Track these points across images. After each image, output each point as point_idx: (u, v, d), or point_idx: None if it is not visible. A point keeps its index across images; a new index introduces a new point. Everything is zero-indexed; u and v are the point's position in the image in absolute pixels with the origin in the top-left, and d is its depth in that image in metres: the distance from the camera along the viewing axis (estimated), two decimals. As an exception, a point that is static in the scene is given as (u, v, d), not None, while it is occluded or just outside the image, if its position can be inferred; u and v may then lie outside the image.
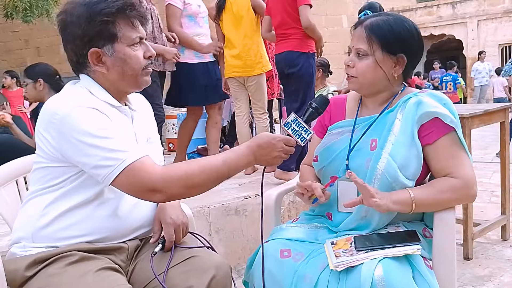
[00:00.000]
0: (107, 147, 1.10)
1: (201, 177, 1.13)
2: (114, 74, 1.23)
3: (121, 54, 1.21)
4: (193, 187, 1.13)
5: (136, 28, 1.23)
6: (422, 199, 1.29)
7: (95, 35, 1.19)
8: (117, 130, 1.15)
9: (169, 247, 1.28)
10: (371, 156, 1.34)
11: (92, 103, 1.17)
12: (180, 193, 1.14)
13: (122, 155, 1.10)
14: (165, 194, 1.11)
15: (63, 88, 1.25)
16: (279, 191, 1.70)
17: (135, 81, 1.26)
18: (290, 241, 1.37)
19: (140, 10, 1.25)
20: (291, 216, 2.67)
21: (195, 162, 1.16)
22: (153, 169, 1.11)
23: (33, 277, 1.14)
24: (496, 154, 5.17)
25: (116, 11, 1.19)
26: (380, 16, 1.40)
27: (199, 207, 2.39)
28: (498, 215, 2.85)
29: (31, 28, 9.62)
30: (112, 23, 1.19)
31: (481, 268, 2.42)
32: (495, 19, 14.60)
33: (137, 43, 1.24)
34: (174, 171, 1.12)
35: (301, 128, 1.23)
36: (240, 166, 1.18)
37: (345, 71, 1.43)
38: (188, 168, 1.13)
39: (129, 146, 1.13)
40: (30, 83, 2.86)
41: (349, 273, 1.18)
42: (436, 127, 1.32)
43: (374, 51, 1.35)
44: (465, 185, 1.30)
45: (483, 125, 2.60)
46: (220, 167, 1.15)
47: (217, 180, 1.16)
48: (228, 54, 3.38)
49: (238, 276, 2.31)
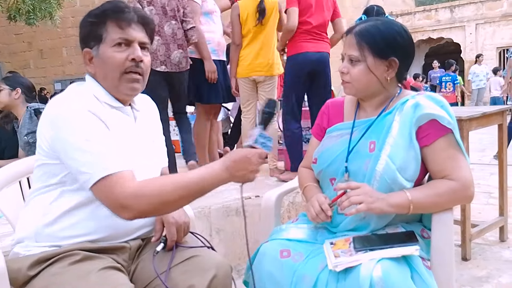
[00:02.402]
0: (91, 154, 1.10)
1: (174, 195, 1.11)
2: (100, 75, 1.26)
3: (103, 55, 1.23)
4: (166, 204, 1.12)
5: (122, 30, 1.23)
6: (419, 201, 1.30)
7: (85, 36, 1.25)
8: (108, 139, 1.15)
9: (171, 246, 1.29)
10: (370, 158, 1.36)
11: (91, 105, 1.18)
12: (152, 210, 1.13)
13: (102, 165, 1.10)
14: (134, 211, 1.09)
15: (68, 88, 1.27)
16: (279, 192, 1.71)
17: (115, 84, 1.25)
18: (289, 242, 1.38)
19: (130, 14, 1.24)
20: (291, 216, 2.68)
21: (170, 179, 1.14)
22: (127, 184, 1.09)
23: (36, 276, 1.15)
24: (494, 156, 5.18)
25: (101, 13, 1.23)
26: (369, 21, 1.42)
27: (200, 208, 2.40)
28: (496, 216, 2.86)
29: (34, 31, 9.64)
30: (99, 24, 1.23)
31: (479, 269, 2.43)
32: (493, 22, 14.64)
33: (119, 44, 1.22)
34: (148, 188, 1.10)
35: (265, 139, 1.21)
36: (215, 183, 1.14)
37: (340, 77, 1.45)
38: (161, 186, 1.11)
39: (113, 157, 1.12)
40: (7, 89, 2.88)
41: (348, 273, 1.19)
42: (433, 129, 1.34)
43: (365, 57, 1.37)
44: (462, 187, 1.31)
45: (481, 127, 2.61)
46: (194, 185, 1.12)
47: (191, 197, 1.14)
48: (250, 53, 3.35)
49: (238, 276, 2.31)
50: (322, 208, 1.37)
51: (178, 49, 3.05)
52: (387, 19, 1.46)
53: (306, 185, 1.56)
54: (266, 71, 3.35)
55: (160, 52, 2.98)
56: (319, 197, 1.41)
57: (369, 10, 3.66)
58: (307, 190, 1.54)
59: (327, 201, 1.39)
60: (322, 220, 1.38)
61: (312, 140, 1.63)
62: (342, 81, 1.44)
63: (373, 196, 1.29)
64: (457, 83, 11.08)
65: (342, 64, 1.43)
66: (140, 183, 1.11)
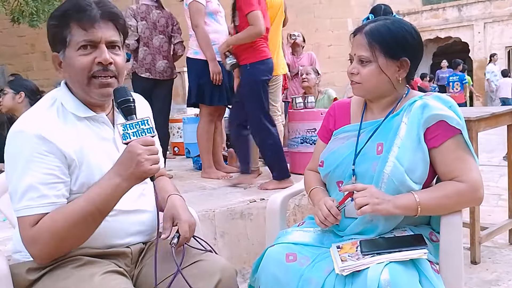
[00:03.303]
0: (18, 186, 1.09)
1: (70, 228, 1.07)
2: (70, 80, 1.21)
3: (69, 59, 1.17)
4: (65, 240, 1.09)
5: (85, 32, 1.14)
6: (427, 203, 1.28)
7: (51, 40, 1.19)
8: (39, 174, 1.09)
9: (182, 243, 1.26)
10: (378, 160, 1.34)
11: (50, 124, 1.14)
12: (55, 251, 1.10)
13: (16, 204, 1.09)
14: (39, 258, 1.10)
15: (43, 97, 1.25)
16: (285, 195, 1.70)
17: (84, 89, 1.18)
18: (295, 245, 1.37)
19: (92, 12, 1.14)
20: (296, 220, 2.67)
21: (60, 213, 1.08)
22: (25, 233, 1.08)
23: (38, 280, 1.14)
24: (503, 157, 5.13)
25: (62, 14, 1.16)
26: (378, 21, 1.40)
27: (205, 211, 2.39)
28: (506, 218, 2.82)
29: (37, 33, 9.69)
30: (62, 27, 1.16)
31: (488, 273, 2.40)
32: (502, 21, 14.52)
33: (84, 46, 1.15)
34: (40, 232, 1.07)
35: (134, 126, 1.10)
36: (108, 195, 1.08)
37: (349, 78, 1.42)
38: (52, 225, 1.06)
39: (30, 197, 1.08)
40: (11, 93, 2.94)
41: (355, 277, 1.18)
42: (442, 130, 1.32)
43: (377, 57, 1.35)
44: (471, 188, 1.29)
45: (490, 128, 2.58)
46: (83, 209, 1.07)
47: (92, 222, 1.09)
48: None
49: (244, 280, 2.30)
50: (331, 212, 1.36)
51: (163, 60, 3.51)
52: (396, 18, 1.43)
53: (312, 188, 1.54)
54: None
55: (146, 60, 3.45)
56: (327, 201, 1.39)
57: (376, 9, 3.62)
58: (313, 193, 1.53)
59: (335, 204, 1.37)
60: (330, 223, 1.37)
61: (318, 142, 1.61)
62: (351, 82, 1.42)
63: (380, 198, 1.27)
64: (465, 83, 11.00)
65: (351, 65, 1.41)
66: (34, 229, 1.07)
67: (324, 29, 13.52)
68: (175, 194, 1.38)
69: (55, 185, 1.11)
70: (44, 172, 1.10)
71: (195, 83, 3.33)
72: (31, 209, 1.08)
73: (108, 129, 1.26)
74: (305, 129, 3.33)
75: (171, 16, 3.60)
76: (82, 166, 1.16)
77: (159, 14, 3.49)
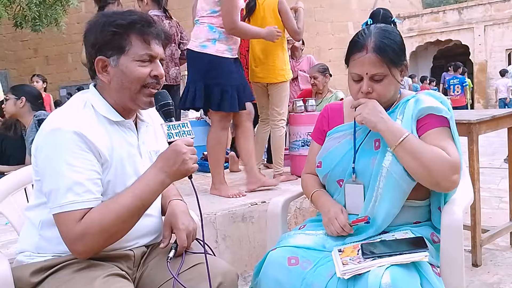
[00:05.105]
0: (61, 183, 1.10)
1: (117, 223, 1.11)
2: (114, 85, 1.23)
3: (124, 66, 1.20)
4: (112, 235, 1.13)
5: (148, 46, 1.22)
6: (411, 143, 1.30)
7: (104, 44, 1.21)
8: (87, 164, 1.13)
9: (181, 252, 1.28)
10: (376, 155, 1.38)
11: (86, 122, 1.17)
12: (101, 245, 1.14)
13: (58, 200, 1.10)
14: (83, 253, 1.12)
15: (70, 99, 1.27)
16: (286, 198, 1.70)
17: (132, 97, 1.23)
18: (297, 249, 1.37)
19: (156, 29, 1.24)
20: (297, 222, 2.67)
21: (108, 208, 1.12)
22: (70, 228, 1.09)
23: (40, 283, 1.15)
24: (504, 160, 5.13)
25: (128, 24, 1.20)
26: (374, 34, 1.39)
27: (206, 214, 2.39)
28: (507, 221, 2.82)
29: (40, 37, 9.75)
30: (122, 35, 1.20)
31: (490, 275, 2.40)
32: (502, 24, 14.55)
33: (145, 60, 1.22)
34: (90, 227, 1.09)
35: (177, 128, 1.20)
36: (153, 190, 1.15)
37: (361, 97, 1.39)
38: (101, 220, 1.10)
39: (75, 192, 1.10)
40: (12, 99, 3.02)
41: (357, 280, 1.18)
42: (430, 120, 1.37)
43: (390, 70, 1.37)
44: (451, 164, 1.28)
45: (491, 130, 2.58)
46: (131, 204, 1.12)
47: (135, 216, 1.15)
48: (251, 58, 3.30)
49: (245, 283, 2.30)
50: (344, 229, 1.38)
51: (175, 66, 3.70)
52: (383, 26, 1.45)
53: (313, 191, 1.54)
54: (262, 77, 3.23)
55: None
56: (339, 216, 1.40)
57: (375, 14, 3.61)
58: (315, 197, 1.53)
59: (346, 216, 1.40)
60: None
61: (312, 144, 1.63)
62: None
63: (376, 110, 1.33)
64: (465, 85, 11.00)
65: (364, 85, 1.38)
66: (82, 225, 1.09)
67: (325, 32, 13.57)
68: (177, 199, 1.39)
69: (97, 181, 1.16)
70: (88, 168, 1.13)
71: (201, 83, 2.70)
72: (78, 204, 1.10)
73: (133, 135, 1.30)
74: (306, 132, 3.32)
75: (178, 24, 3.76)
76: (112, 167, 1.20)
77: (169, 24, 3.64)
